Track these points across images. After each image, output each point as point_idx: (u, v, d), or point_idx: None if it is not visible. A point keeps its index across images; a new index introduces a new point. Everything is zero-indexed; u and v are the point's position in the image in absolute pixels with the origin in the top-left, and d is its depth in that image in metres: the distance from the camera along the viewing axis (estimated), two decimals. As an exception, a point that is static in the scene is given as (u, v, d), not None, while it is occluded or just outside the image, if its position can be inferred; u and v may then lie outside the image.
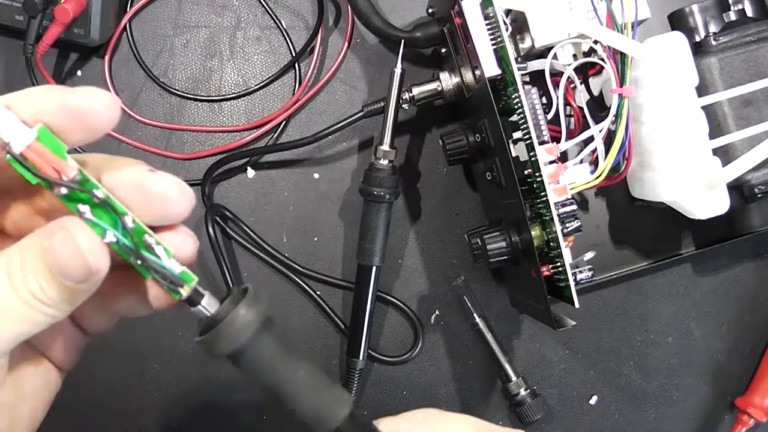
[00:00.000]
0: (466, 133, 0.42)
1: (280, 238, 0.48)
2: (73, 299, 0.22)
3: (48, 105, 0.20)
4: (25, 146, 0.20)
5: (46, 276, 0.21)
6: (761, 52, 0.42)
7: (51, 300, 0.21)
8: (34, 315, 0.21)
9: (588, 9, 0.41)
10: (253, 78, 0.49)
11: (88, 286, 0.21)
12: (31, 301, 0.21)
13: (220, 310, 0.24)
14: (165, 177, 0.22)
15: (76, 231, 0.21)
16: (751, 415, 0.48)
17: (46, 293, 0.21)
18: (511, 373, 0.47)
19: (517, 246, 0.39)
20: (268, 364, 0.24)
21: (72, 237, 0.21)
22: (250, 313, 0.23)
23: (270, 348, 0.24)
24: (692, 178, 0.40)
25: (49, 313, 0.22)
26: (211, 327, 0.23)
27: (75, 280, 0.21)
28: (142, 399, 0.48)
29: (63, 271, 0.21)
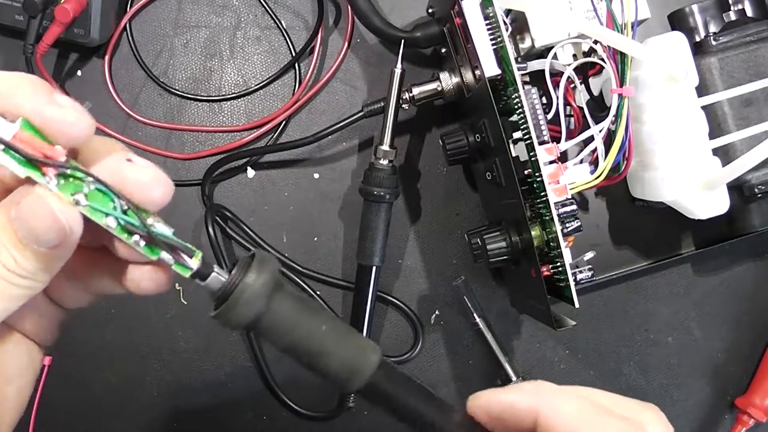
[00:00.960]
0: (466, 133, 0.42)
1: (280, 238, 0.48)
2: (49, 267, 0.21)
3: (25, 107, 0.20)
4: (11, 136, 0.20)
5: (17, 246, 0.20)
6: (761, 52, 0.42)
7: (26, 271, 0.21)
8: (10, 289, 0.21)
9: (588, 9, 0.41)
10: (253, 78, 0.49)
11: (63, 251, 0.21)
12: (6, 275, 0.21)
13: (230, 280, 0.23)
14: (141, 166, 0.22)
15: (44, 193, 0.20)
16: (751, 415, 0.48)
17: (19, 264, 0.21)
18: (511, 373, 0.46)
19: (517, 246, 0.39)
20: (288, 325, 0.24)
21: (41, 200, 0.20)
22: (261, 278, 0.23)
23: (287, 309, 0.24)
24: (692, 178, 0.40)
25: (26, 285, 0.21)
26: (224, 299, 0.23)
27: (49, 244, 0.20)
28: (142, 399, 0.48)
29: (36, 236, 0.20)
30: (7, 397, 0.25)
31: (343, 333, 0.25)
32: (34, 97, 0.20)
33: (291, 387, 0.48)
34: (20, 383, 0.26)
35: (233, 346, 0.48)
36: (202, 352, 0.48)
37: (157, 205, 0.22)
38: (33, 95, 0.20)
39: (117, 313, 0.48)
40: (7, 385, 0.25)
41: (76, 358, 0.47)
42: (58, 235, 0.20)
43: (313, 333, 0.24)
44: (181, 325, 0.48)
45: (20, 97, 0.20)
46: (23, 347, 0.26)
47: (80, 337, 0.47)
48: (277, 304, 0.24)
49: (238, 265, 0.24)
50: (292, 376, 0.48)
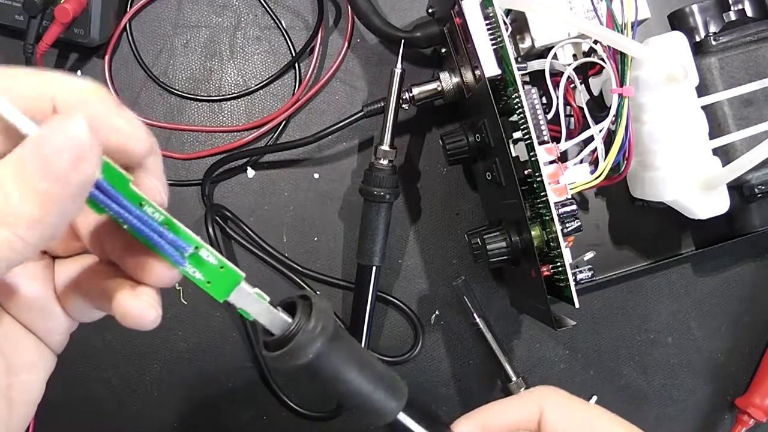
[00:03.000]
0: (466, 133, 0.42)
1: (280, 238, 0.48)
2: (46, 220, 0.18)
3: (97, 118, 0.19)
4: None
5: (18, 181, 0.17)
6: (761, 52, 0.42)
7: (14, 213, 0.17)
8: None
9: (588, 9, 0.41)
10: (253, 78, 0.49)
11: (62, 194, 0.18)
12: None
13: (289, 328, 0.24)
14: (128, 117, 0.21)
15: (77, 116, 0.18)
16: (751, 415, 0.48)
17: (9, 201, 0.17)
18: (511, 373, 0.46)
19: (517, 246, 0.39)
20: (334, 374, 0.25)
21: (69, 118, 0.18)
22: (319, 330, 0.24)
23: (335, 360, 0.25)
24: (692, 178, 0.40)
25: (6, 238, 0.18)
26: (279, 343, 0.24)
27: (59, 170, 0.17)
28: (142, 399, 0.48)
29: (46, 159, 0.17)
30: (16, 389, 0.25)
31: (383, 379, 0.27)
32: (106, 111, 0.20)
33: (291, 387, 0.48)
34: (29, 378, 0.25)
35: (233, 346, 0.48)
36: (202, 352, 0.48)
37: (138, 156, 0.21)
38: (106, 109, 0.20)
39: (117, 313, 0.48)
40: (16, 377, 0.25)
41: (76, 358, 0.47)
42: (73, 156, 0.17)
43: (352, 381, 0.26)
44: (181, 325, 0.48)
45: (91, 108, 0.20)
46: (32, 342, 0.25)
47: (80, 337, 0.47)
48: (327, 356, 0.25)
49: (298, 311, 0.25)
50: (292, 376, 0.48)
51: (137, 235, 0.21)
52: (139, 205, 0.21)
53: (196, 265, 0.22)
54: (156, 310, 0.23)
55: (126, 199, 0.20)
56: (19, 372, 0.25)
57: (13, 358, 0.25)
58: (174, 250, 0.22)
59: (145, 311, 0.23)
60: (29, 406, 0.26)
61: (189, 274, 0.22)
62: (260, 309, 0.24)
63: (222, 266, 0.23)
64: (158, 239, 0.21)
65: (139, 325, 0.23)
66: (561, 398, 0.30)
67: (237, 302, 0.24)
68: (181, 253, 0.22)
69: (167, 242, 0.21)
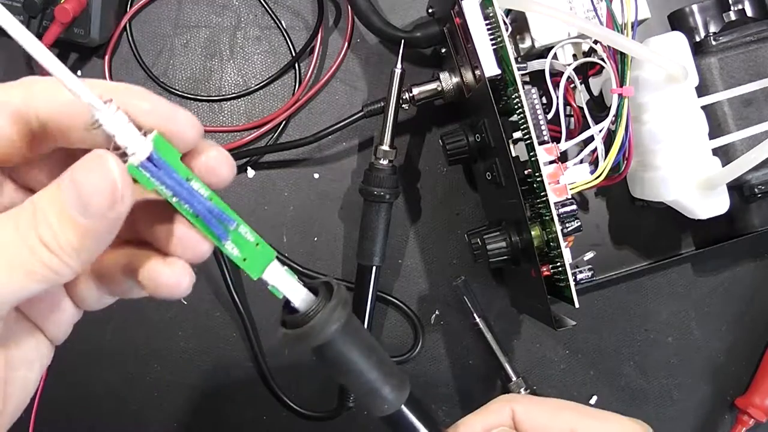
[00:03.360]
0: (466, 133, 0.42)
1: (280, 238, 0.48)
2: (84, 249, 0.20)
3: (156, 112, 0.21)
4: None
5: (59, 214, 0.19)
6: (761, 52, 0.42)
7: (60, 248, 0.20)
8: (37, 267, 0.20)
9: (588, 9, 0.41)
10: (253, 78, 0.49)
11: (106, 228, 0.20)
12: (39, 250, 0.19)
13: (311, 309, 0.25)
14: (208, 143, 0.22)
15: (105, 155, 0.19)
16: (751, 415, 0.48)
17: (56, 238, 0.19)
18: (511, 373, 0.46)
19: (517, 246, 0.39)
20: (346, 358, 0.26)
21: (102, 160, 0.19)
22: (337, 314, 0.25)
23: (349, 344, 0.26)
24: (692, 178, 0.40)
25: (55, 266, 0.20)
26: (298, 322, 0.24)
27: (96, 210, 0.19)
28: (142, 399, 0.48)
29: (84, 198, 0.19)
30: (12, 384, 0.25)
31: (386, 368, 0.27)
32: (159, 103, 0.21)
33: (291, 387, 0.48)
34: (26, 374, 0.25)
35: (233, 346, 0.48)
36: (202, 352, 0.48)
37: (223, 184, 0.23)
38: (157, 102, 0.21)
39: (117, 313, 0.48)
40: (13, 371, 0.25)
41: (76, 358, 0.47)
42: (108, 199, 0.19)
43: (361, 367, 0.26)
44: (181, 325, 0.48)
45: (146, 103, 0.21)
46: (33, 338, 0.25)
47: (80, 337, 0.47)
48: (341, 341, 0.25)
49: (320, 294, 0.25)
50: (292, 376, 0.48)
51: (185, 209, 0.21)
52: (187, 179, 0.21)
53: (236, 242, 0.23)
54: (190, 276, 0.23)
55: (177, 173, 0.21)
56: (18, 367, 0.25)
57: (13, 352, 0.24)
58: (219, 225, 0.22)
59: (180, 278, 0.23)
60: (23, 401, 0.26)
61: (228, 251, 0.23)
62: (291, 286, 0.25)
63: (258, 243, 0.23)
64: (207, 213, 0.22)
65: (174, 294, 0.23)
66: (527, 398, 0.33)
67: (270, 279, 0.24)
68: (226, 227, 0.22)
69: (214, 216, 0.22)
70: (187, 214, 0.22)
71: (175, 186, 0.21)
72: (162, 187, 0.21)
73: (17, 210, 0.20)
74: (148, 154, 0.20)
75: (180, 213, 0.22)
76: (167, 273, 0.23)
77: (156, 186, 0.21)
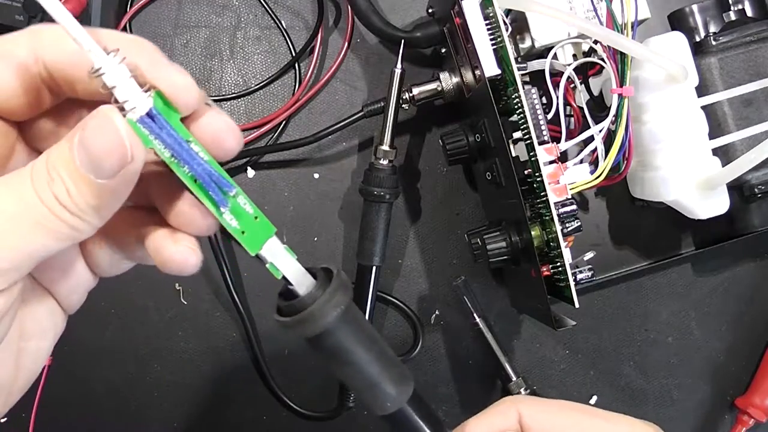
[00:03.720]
0: (466, 133, 0.42)
1: (280, 238, 0.48)
2: (102, 207, 0.20)
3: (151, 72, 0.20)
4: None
5: (73, 174, 0.19)
6: (761, 52, 0.42)
7: (77, 206, 0.20)
8: (57, 225, 0.20)
9: (588, 9, 0.41)
10: (253, 78, 0.49)
11: (120, 186, 0.20)
12: (56, 207, 0.19)
13: (309, 294, 0.23)
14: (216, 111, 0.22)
15: (111, 113, 0.19)
16: (751, 415, 0.48)
17: (72, 197, 0.19)
18: (511, 373, 0.46)
19: (517, 246, 0.39)
20: (344, 350, 0.24)
21: (107, 118, 0.19)
22: (336, 300, 0.23)
23: (348, 335, 0.24)
24: (692, 178, 0.40)
25: (74, 224, 0.20)
26: (295, 308, 0.23)
27: (108, 170, 0.19)
28: (142, 399, 0.48)
29: (95, 159, 0.19)
30: (25, 354, 0.24)
31: (386, 369, 0.26)
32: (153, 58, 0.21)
33: (291, 387, 0.48)
34: (39, 344, 0.25)
35: (233, 347, 0.48)
36: (202, 352, 0.48)
37: (228, 156, 0.22)
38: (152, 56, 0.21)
39: (117, 313, 0.48)
40: (26, 341, 0.24)
41: (76, 358, 0.47)
42: (118, 160, 0.19)
43: (361, 360, 0.25)
44: (181, 325, 0.48)
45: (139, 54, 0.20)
46: (47, 306, 0.25)
47: (80, 337, 0.47)
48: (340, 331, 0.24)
49: (318, 280, 0.24)
50: (292, 376, 0.48)
51: (183, 172, 0.21)
52: (187, 142, 0.21)
53: (234, 212, 0.22)
54: (197, 254, 0.23)
55: (174, 130, 0.20)
56: (31, 337, 0.24)
57: (27, 322, 0.24)
58: (218, 190, 0.21)
59: (187, 256, 0.23)
60: (34, 372, 0.25)
61: (226, 222, 0.22)
62: (289, 264, 0.24)
63: (257, 216, 0.23)
64: (205, 176, 0.21)
65: (181, 270, 0.23)
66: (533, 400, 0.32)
67: (268, 256, 0.23)
68: (225, 193, 0.22)
69: (213, 180, 0.21)
70: (184, 177, 0.21)
71: (173, 145, 0.20)
72: (161, 145, 0.20)
73: (32, 168, 0.20)
74: (148, 110, 0.20)
75: (178, 176, 0.21)
76: (173, 249, 0.23)
77: (154, 144, 0.20)
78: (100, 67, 0.19)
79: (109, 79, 0.19)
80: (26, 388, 0.25)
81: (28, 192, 0.19)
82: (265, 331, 0.48)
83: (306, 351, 0.48)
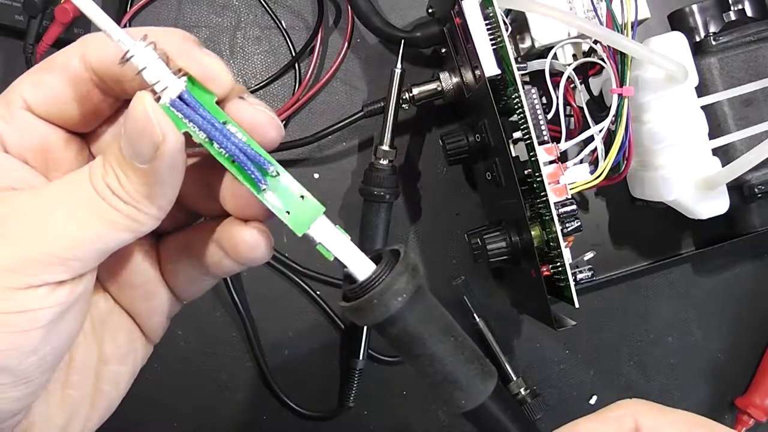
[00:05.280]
0: (466, 133, 0.42)
1: (280, 238, 0.48)
2: (152, 192, 0.20)
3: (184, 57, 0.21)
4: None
5: (121, 164, 0.20)
6: (761, 52, 0.42)
7: (128, 194, 0.20)
8: (114, 216, 0.20)
9: (588, 9, 0.41)
10: (253, 78, 0.49)
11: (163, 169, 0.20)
12: (110, 197, 0.20)
13: (374, 276, 0.22)
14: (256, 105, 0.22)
15: (143, 96, 0.19)
16: (751, 415, 0.48)
17: (123, 185, 0.20)
18: (511, 373, 0.46)
19: (517, 246, 0.39)
20: (417, 336, 0.23)
21: (140, 103, 0.19)
22: (402, 284, 0.22)
23: (419, 321, 0.23)
24: (692, 178, 0.40)
25: (130, 213, 0.20)
26: (361, 292, 0.22)
27: (144, 152, 0.19)
28: (142, 399, 0.48)
29: (133, 146, 0.20)
30: (104, 377, 0.24)
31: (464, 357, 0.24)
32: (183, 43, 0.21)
33: (291, 387, 0.48)
34: (119, 368, 0.25)
35: (233, 346, 0.48)
36: (202, 352, 0.48)
37: (269, 147, 0.22)
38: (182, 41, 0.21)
39: (117, 313, 0.48)
40: (105, 365, 0.24)
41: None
42: (150, 143, 0.19)
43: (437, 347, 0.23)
44: (181, 325, 0.48)
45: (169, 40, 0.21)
46: (127, 330, 0.25)
47: (80, 337, 0.47)
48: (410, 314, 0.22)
49: (384, 260, 0.23)
50: (292, 376, 0.48)
51: (220, 155, 0.21)
52: (223, 123, 0.21)
53: (276, 191, 0.22)
54: (268, 240, 0.23)
55: (208, 112, 0.20)
56: (110, 360, 0.24)
57: (106, 344, 0.24)
58: (256, 169, 0.21)
59: (258, 239, 0.23)
60: (115, 398, 0.25)
61: (268, 201, 0.22)
62: (342, 245, 0.23)
63: (302, 196, 0.22)
64: (240, 154, 0.21)
65: (254, 255, 0.23)
66: (653, 407, 0.28)
67: (317, 236, 0.22)
68: (264, 171, 0.21)
69: (249, 158, 0.21)
70: (222, 159, 0.21)
71: (205, 125, 0.20)
72: (195, 128, 0.20)
73: (91, 163, 0.21)
74: (179, 92, 0.20)
75: (217, 160, 0.21)
76: (244, 234, 0.23)
77: (189, 128, 0.20)
78: (128, 50, 0.19)
79: (138, 61, 0.19)
80: (106, 415, 0.25)
81: (85, 185, 0.20)
82: (265, 331, 0.48)
83: (306, 351, 0.48)
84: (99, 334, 0.24)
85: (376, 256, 0.23)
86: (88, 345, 0.24)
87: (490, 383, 0.24)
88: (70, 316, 0.21)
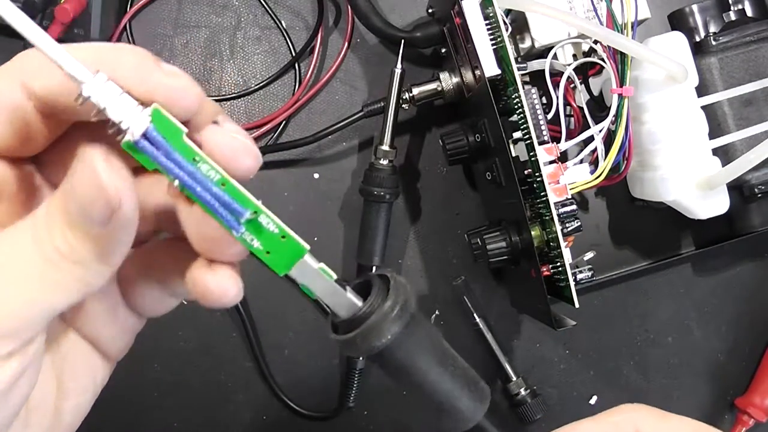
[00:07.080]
0: (466, 133, 0.42)
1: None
2: (104, 254, 0.19)
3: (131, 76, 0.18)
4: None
5: (69, 224, 0.18)
6: (761, 52, 0.42)
7: (79, 256, 0.18)
8: (63, 278, 0.18)
9: (588, 9, 0.41)
10: (253, 78, 0.49)
11: (116, 233, 0.18)
12: (58, 260, 0.18)
13: (365, 308, 0.22)
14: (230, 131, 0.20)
15: (93, 158, 0.17)
16: (751, 415, 0.48)
17: (72, 247, 0.18)
18: (511, 373, 0.47)
19: (517, 246, 0.39)
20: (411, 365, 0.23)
21: (89, 165, 0.17)
22: (390, 321, 0.21)
23: (414, 348, 0.22)
24: (692, 178, 0.40)
25: (80, 275, 0.19)
26: (351, 325, 0.22)
27: (97, 219, 0.17)
28: (142, 399, 0.48)
29: (83, 210, 0.17)
30: (64, 413, 0.23)
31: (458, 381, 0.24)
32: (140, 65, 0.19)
33: (291, 387, 0.48)
34: (78, 401, 0.24)
35: (233, 346, 0.48)
36: (202, 352, 0.48)
37: (246, 176, 0.20)
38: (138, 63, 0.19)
39: (117, 313, 0.48)
40: (65, 401, 0.23)
41: (76, 358, 0.47)
42: (103, 208, 0.17)
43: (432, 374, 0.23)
44: (181, 325, 0.48)
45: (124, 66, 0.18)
46: (85, 359, 0.24)
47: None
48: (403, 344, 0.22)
49: (373, 290, 0.22)
50: (292, 376, 0.48)
51: (190, 194, 0.19)
52: (193, 161, 0.19)
53: (255, 233, 0.20)
54: (236, 285, 0.21)
55: (177, 152, 0.19)
56: (70, 396, 0.23)
57: (66, 379, 0.23)
58: (229, 214, 0.19)
59: (226, 286, 0.21)
60: (73, 427, 0.24)
61: (247, 243, 0.20)
62: (325, 287, 0.22)
63: (284, 235, 0.21)
64: (210, 199, 0.19)
65: (221, 303, 0.21)
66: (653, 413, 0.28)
67: (299, 277, 0.21)
68: (237, 217, 0.20)
69: (221, 204, 0.19)
70: (195, 200, 0.19)
71: (173, 168, 0.18)
72: (160, 167, 0.19)
73: (33, 218, 0.19)
74: (144, 130, 0.18)
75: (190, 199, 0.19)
76: (211, 280, 0.21)
77: (157, 167, 0.19)
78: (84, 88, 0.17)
79: (98, 100, 0.18)
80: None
81: (28, 248, 0.18)
82: (264, 331, 0.48)
83: (306, 351, 0.48)
84: (58, 369, 0.23)
85: (364, 283, 0.22)
86: (46, 384, 0.22)
87: (485, 401, 0.24)
88: (23, 380, 0.19)
